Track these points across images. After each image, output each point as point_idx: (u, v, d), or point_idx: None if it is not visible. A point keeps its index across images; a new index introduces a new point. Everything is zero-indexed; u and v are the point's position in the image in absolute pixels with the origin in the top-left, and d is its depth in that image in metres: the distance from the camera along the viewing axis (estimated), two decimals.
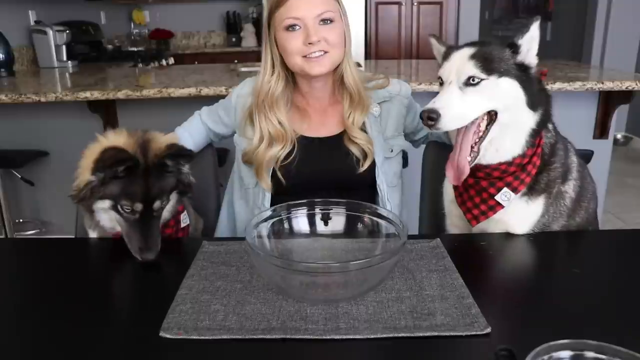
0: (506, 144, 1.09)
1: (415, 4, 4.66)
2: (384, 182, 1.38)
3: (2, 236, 2.56)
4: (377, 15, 4.71)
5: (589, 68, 3.00)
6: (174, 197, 1.11)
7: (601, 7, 4.92)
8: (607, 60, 4.94)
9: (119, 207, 1.03)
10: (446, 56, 1.10)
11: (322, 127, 1.38)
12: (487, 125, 1.07)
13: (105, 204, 1.04)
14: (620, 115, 3.44)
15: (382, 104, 1.40)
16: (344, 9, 1.32)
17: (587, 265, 1.06)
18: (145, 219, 1.03)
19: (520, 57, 1.05)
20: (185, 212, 1.24)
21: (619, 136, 5.02)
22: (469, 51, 1.06)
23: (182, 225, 1.22)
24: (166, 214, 1.12)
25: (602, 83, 2.20)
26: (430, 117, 1.03)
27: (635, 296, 0.92)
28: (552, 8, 6.46)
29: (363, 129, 1.36)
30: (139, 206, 1.02)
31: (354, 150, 1.34)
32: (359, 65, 1.43)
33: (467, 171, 1.07)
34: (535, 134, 1.09)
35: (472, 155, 1.07)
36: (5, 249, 1.27)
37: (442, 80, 1.09)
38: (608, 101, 2.42)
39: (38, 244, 1.21)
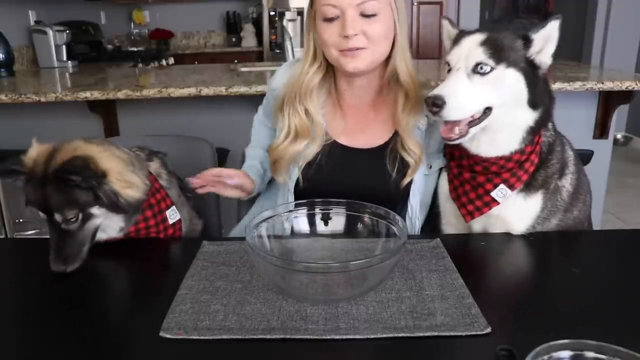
0: (501, 137, 1.07)
1: (415, 4, 4.66)
2: (418, 200, 1.26)
3: (2, 236, 2.56)
4: None
5: (589, 68, 3.00)
6: (104, 211, 1.03)
7: (601, 7, 4.92)
8: (607, 60, 4.94)
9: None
10: (456, 41, 1.07)
11: (361, 135, 1.24)
12: (483, 113, 1.05)
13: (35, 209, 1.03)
14: (620, 115, 3.43)
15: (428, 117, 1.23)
16: None
17: (587, 265, 1.06)
18: (54, 229, 1.01)
19: (530, 52, 1.03)
20: (173, 208, 1.21)
21: (619, 136, 5.02)
22: (480, 37, 1.03)
23: (171, 221, 1.19)
24: (112, 227, 1.07)
25: (602, 83, 2.20)
26: (435, 104, 0.99)
27: (635, 296, 0.92)
28: (552, 8, 6.46)
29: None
30: (41, 214, 1.00)
31: (396, 163, 1.20)
32: None
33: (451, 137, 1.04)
34: (534, 132, 1.08)
35: (459, 131, 1.04)
36: (5, 249, 1.27)
37: (449, 66, 1.06)
38: (608, 101, 2.42)
39: (38, 244, 1.21)
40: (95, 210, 1.02)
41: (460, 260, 1.01)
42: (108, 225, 1.07)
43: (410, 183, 1.24)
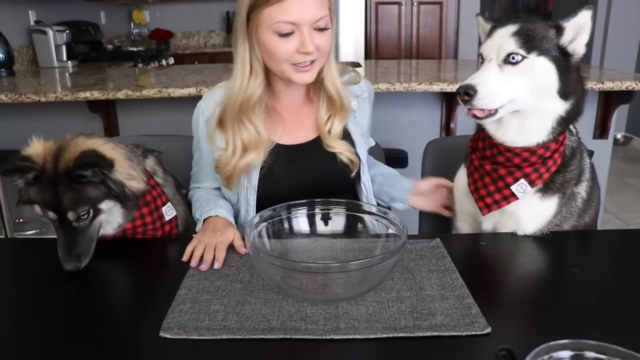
0: (530, 124, 1.06)
1: (415, 4, 4.66)
2: (368, 177, 1.32)
3: (2, 236, 2.56)
4: (377, 15, 4.71)
5: (589, 68, 2.99)
6: (111, 205, 1.05)
7: (601, 7, 4.92)
8: (607, 60, 4.94)
9: (42, 211, 1.01)
10: (489, 34, 1.08)
11: (299, 131, 1.28)
12: None
13: (37, 207, 1.02)
14: (620, 115, 3.44)
15: (357, 99, 1.33)
16: (333, 7, 1.19)
17: (587, 265, 1.06)
18: (65, 228, 1.00)
19: (563, 40, 1.03)
20: (169, 204, 1.21)
21: (619, 136, 5.02)
22: (512, 28, 1.04)
23: (168, 217, 1.20)
24: (111, 223, 1.08)
25: (602, 83, 2.19)
26: (467, 93, 1.00)
27: (635, 296, 0.92)
28: (552, 8, 6.46)
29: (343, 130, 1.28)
30: (51, 214, 0.99)
31: (337, 156, 1.26)
32: (357, 65, 1.36)
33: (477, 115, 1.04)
34: (564, 123, 1.07)
35: (488, 110, 1.03)
36: (5, 249, 1.27)
37: (482, 57, 1.07)
38: (608, 101, 2.42)
39: (38, 244, 1.21)
40: (104, 205, 1.04)
41: (460, 260, 1.02)
42: (107, 222, 1.08)
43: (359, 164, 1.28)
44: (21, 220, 2.78)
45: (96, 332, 0.84)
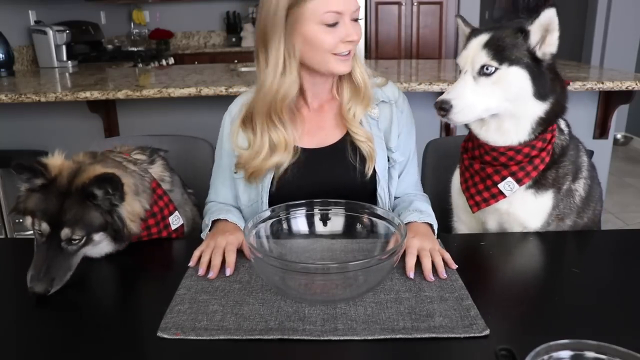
0: (508, 126, 1.09)
1: (415, 4, 4.66)
2: (385, 190, 1.26)
3: (2, 236, 2.56)
4: (377, 15, 4.70)
5: (589, 68, 2.99)
6: (102, 239, 1.02)
7: (601, 7, 4.91)
8: (607, 60, 4.94)
9: (34, 224, 0.98)
10: (466, 42, 1.10)
11: (319, 132, 1.26)
12: None
13: (28, 219, 1.00)
14: (620, 115, 3.44)
15: (379, 105, 1.27)
16: None
17: (587, 265, 1.06)
18: (50, 246, 0.95)
19: (531, 44, 1.04)
20: (176, 214, 1.19)
21: (619, 136, 5.02)
22: (484, 38, 1.06)
23: (174, 226, 1.19)
24: (98, 252, 1.05)
25: (602, 83, 2.19)
26: (443, 108, 1.04)
27: (635, 296, 0.92)
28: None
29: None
30: (44, 226, 0.96)
31: (357, 154, 1.21)
32: None
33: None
34: (545, 123, 1.08)
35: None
36: (5, 249, 1.27)
37: (459, 68, 1.09)
38: (608, 101, 2.42)
39: None
40: (97, 237, 1.01)
41: (460, 260, 1.01)
42: (94, 250, 1.05)
43: (374, 174, 1.24)
44: (21, 220, 2.77)
45: (94, 332, 0.84)
